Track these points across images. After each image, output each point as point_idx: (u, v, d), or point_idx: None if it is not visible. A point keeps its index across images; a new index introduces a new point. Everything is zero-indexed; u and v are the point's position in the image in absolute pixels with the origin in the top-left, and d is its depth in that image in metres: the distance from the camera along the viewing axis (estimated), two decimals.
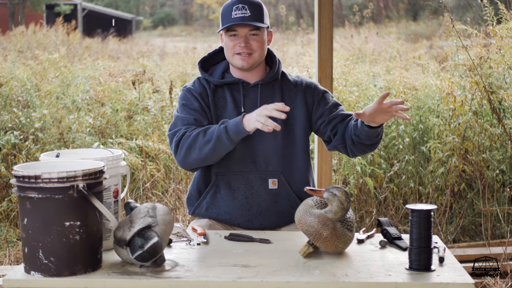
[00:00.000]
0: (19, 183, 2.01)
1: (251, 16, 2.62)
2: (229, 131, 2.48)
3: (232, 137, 2.48)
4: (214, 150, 2.51)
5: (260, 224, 2.69)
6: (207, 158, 2.54)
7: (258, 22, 2.63)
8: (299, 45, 10.05)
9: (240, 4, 2.63)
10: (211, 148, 2.50)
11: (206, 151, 2.51)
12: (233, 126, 2.47)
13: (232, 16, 2.63)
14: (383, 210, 4.85)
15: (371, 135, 2.55)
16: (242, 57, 2.65)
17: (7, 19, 16.82)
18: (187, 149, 2.54)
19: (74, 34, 11.86)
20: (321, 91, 2.77)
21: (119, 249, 2.08)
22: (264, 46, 2.69)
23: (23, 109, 5.47)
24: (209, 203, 2.72)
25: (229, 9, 2.64)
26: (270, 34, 2.76)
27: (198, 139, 2.52)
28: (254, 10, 2.63)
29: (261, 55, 2.68)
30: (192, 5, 27.92)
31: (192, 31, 24.43)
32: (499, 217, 4.72)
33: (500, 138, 4.83)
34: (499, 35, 4.77)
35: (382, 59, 8.19)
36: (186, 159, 2.56)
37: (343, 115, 2.71)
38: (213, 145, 2.50)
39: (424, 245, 2.07)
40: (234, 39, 2.65)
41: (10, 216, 4.81)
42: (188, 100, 2.70)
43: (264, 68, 2.77)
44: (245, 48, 2.64)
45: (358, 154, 2.70)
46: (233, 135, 2.47)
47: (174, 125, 2.65)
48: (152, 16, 27.84)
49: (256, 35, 2.65)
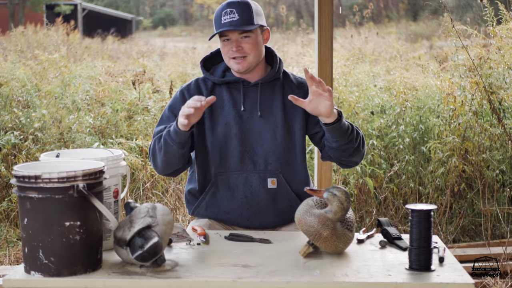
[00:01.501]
0: (19, 183, 2.01)
1: (239, 20, 2.61)
2: (170, 133, 2.52)
3: (173, 137, 2.51)
4: (167, 154, 2.56)
5: (260, 223, 2.69)
6: (167, 162, 2.59)
7: (247, 25, 2.61)
8: (299, 45, 10.05)
9: (228, 9, 2.62)
10: (164, 154, 2.56)
11: (162, 156, 2.58)
12: (172, 127, 2.52)
13: (221, 22, 2.62)
14: (383, 210, 4.85)
15: (333, 135, 2.53)
16: (237, 61, 2.65)
17: (7, 19, 16.83)
18: (153, 158, 2.63)
19: (73, 34, 11.86)
20: None
21: (119, 249, 2.08)
22: (259, 46, 2.67)
23: (23, 109, 5.47)
24: (208, 203, 2.72)
25: (219, 15, 2.64)
26: (267, 32, 2.73)
27: (155, 147, 2.60)
28: (242, 13, 2.61)
29: (256, 56, 2.67)
30: (192, 5, 27.93)
31: (192, 31, 24.44)
32: (499, 217, 4.72)
33: (500, 138, 4.83)
34: (499, 35, 4.77)
35: (382, 59, 8.19)
36: (155, 167, 2.65)
37: None
38: (164, 150, 2.55)
39: (424, 245, 2.07)
40: (227, 44, 2.65)
41: (10, 216, 4.81)
42: (175, 102, 2.73)
43: (264, 67, 2.76)
44: (238, 52, 2.63)
45: (343, 165, 2.69)
46: (174, 135, 2.51)
47: (153, 137, 2.71)
48: (152, 16, 27.85)
49: (248, 37, 2.64)
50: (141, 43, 13.03)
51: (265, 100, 2.69)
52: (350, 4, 18.23)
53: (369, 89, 5.71)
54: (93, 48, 11.31)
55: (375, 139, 5.08)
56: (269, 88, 2.72)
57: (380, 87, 6.01)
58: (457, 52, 5.09)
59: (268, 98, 2.70)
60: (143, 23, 25.81)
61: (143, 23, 25.89)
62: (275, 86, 2.74)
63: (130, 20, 23.97)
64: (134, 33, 22.29)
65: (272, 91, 2.72)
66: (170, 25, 27.13)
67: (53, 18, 13.90)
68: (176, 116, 2.65)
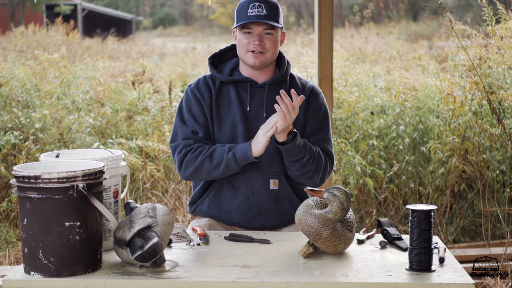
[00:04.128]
0: (19, 183, 2.01)
1: (267, 15, 2.63)
2: (237, 159, 2.58)
3: (240, 164, 2.59)
4: (223, 174, 2.63)
5: (260, 224, 2.69)
6: (215, 178, 2.67)
7: (274, 22, 2.64)
8: (299, 45, 10.05)
9: (257, 3, 2.64)
10: (221, 173, 2.62)
11: (215, 175, 2.63)
12: (242, 154, 2.57)
13: (248, 14, 2.63)
14: (383, 210, 4.85)
15: (285, 154, 2.58)
16: (255, 55, 2.65)
17: (7, 19, 16.83)
18: (194, 171, 2.64)
19: (73, 34, 11.86)
20: (320, 104, 2.76)
21: (119, 249, 2.08)
22: (277, 46, 2.70)
23: (23, 109, 5.47)
24: (211, 200, 2.72)
25: (245, 7, 2.64)
26: (283, 35, 2.77)
27: (205, 164, 2.61)
28: (270, 10, 2.64)
29: (273, 55, 2.69)
30: (192, 5, 27.93)
31: (192, 31, 24.45)
32: (499, 217, 4.72)
33: (500, 138, 4.83)
34: (499, 35, 4.76)
35: (382, 59, 8.20)
36: (191, 178, 2.69)
37: (313, 140, 2.70)
38: (223, 170, 2.61)
39: (424, 246, 2.07)
40: (249, 37, 2.66)
41: (10, 216, 4.81)
42: (189, 102, 2.72)
43: (273, 69, 2.77)
44: (259, 47, 2.64)
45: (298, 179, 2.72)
46: (242, 162, 2.58)
47: (174, 136, 2.72)
48: (152, 16, 27.85)
49: (271, 35, 2.66)
50: (141, 43, 13.03)
51: (271, 101, 2.69)
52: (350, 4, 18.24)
53: (369, 89, 5.71)
54: (93, 48, 11.31)
55: (375, 139, 5.08)
56: (275, 90, 2.72)
57: (380, 87, 6.02)
58: (457, 52, 5.09)
59: (275, 99, 2.69)
60: (143, 23, 25.82)
61: (143, 23, 25.90)
62: (281, 88, 2.74)
63: (130, 20, 23.97)
64: (134, 33, 22.30)
65: (278, 93, 2.72)
66: (170, 25, 27.14)
67: (53, 18, 13.90)
68: (195, 118, 2.69)
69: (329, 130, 2.75)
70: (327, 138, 2.73)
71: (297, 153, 2.56)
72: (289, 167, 2.63)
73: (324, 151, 2.69)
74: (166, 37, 20.64)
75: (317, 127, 2.72)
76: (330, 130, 2.76)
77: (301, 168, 2.60)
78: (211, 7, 22.62)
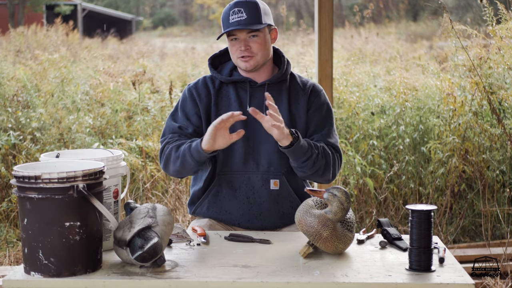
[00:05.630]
0: (19, 184, 2.01)
1: (247, 19, 2.61)
2: (191, 150, 2.54)
3: (194, 157, 2.53)
4: (183, 167, 2.59)
5: (261, 224, 2.69)
6: (180, 172, 2.63)
7: (255, 24, 2.61)
8: (299, 46, 10.05)
9: (236, 8, 2.62)
10: (180, 165, 2.59)
11: (177, 166, 2.60)
12: (195, 146, 2.53)
13: (230, 21, 2.62)
14: (383, 210, 4.85)
15: (290, 156, 2.55)
16: (244, 60, 2.65)
17: (7, 19, 16.83)
18: (165, 162, 2.65)
19: (73, 35, 11.86)
20: (322, 102, 2.75)
21: (119, 249, 2.08)
22: (266, 45, 2.67)
23: (23, 110, 5.47)
24: (210, 201, 2.72)
25: (227, 14, 2.64)
26: (274, 31, 2.73)
27: (172, 154, 2.61)
28: (250, 12, 2.62)
29: (264, 55, 2.67)
30: (192, 5, 27.94)
31: (192, 32, 24.44)
32: (499, 217, 4.72)
33: (500, 138, 4.83)
34: (499, 35, 4.76)
35: (382, 59, 8.20)
36: (166, 170, 2.68)
37: (317, 137, 2.69)
38: (181, 162, 2.58)
39: (424, 246, 2.07)
40: (235, 43, 2.66)
41: (10, 216, 4.81)
42: (184, 101, 2.74)
43: (272, 68, 2.76)
44: (246, 51, 2.63)
45: (309, 179, 2.72)
46: (195, 154, 2.53)
47: (164, 132, 2.74)
48: (152, 17, 27.86)
49: (256, 37, 2.64)
50: (141, 43, 13.02)
51: None
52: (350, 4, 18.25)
53: (369, 89, 5.71)
54: (93, 48, 11.30)
55: (375, 140, 5.08)
56: (275, 89, 2.72)
57: (380, 88, 6.01)
58: (457, 52, 5.09)
59: (275, 99, 2.68)
60: (143, 23, 25.83)
61: (143, 23, 25.90)
62: (281, 88, 2.73)
63: (130, 20, 23.98)
64: (134, 33, 22.30)
65: (279, 92, 2.72)
66: (170, 25, 27.14)
67: (53, 18, 13.90)
68: (187, 116, 2.68)
69: (333, 125, 2.74)
70: (332, 133, 2.72)
71: (305, 152, 2.54)
72: (300, 168, 2.60)
73: (330, 145, 2.68)
74: (166, 37, 20.63)
75: (321, 124, 2.72)
76: (334, 125, 2.75)
77: (312, 166, 2.57)
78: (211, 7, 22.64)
